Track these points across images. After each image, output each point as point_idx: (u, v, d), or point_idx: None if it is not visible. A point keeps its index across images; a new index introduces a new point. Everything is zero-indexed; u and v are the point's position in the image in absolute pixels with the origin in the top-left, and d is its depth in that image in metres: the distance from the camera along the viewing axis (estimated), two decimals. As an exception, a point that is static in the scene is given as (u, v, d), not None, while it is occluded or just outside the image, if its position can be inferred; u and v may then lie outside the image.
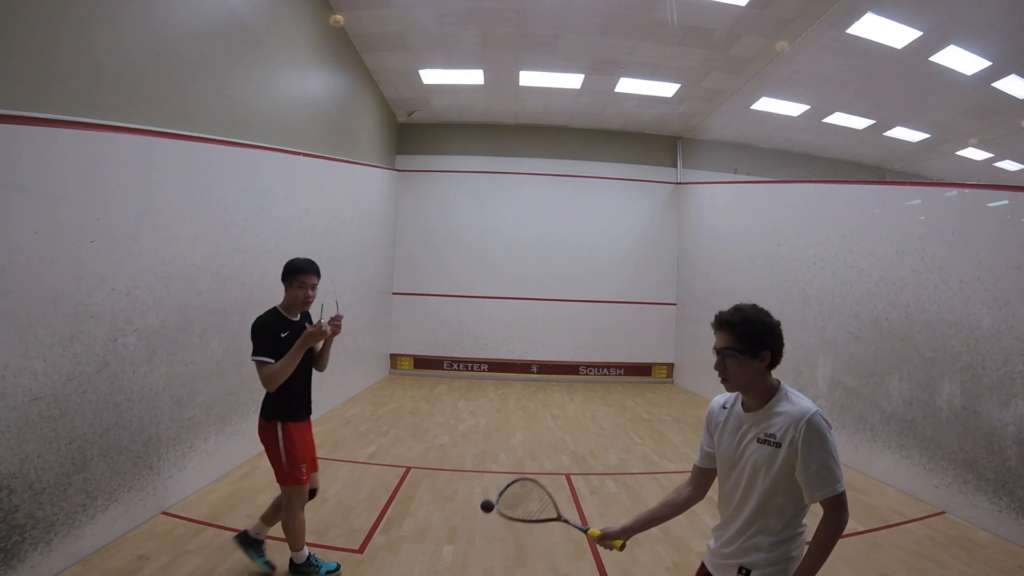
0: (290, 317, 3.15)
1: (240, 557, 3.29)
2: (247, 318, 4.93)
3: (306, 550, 3.17)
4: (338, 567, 3.23)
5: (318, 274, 3.21)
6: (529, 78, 8.75)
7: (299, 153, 6.10)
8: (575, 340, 10.69)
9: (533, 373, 10.63)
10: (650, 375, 10.79)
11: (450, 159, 10.94)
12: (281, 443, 3.04)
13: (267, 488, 4.47)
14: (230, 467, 4.79)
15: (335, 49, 7.29)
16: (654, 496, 4.68)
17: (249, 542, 3.22)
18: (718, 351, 1.72)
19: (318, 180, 6.74)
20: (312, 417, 3.37)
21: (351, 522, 3.93)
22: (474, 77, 8.83)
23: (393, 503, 4.32)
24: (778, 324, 1.71)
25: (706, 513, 4.31)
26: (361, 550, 3.52)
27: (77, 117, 3.09)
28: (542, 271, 10.77)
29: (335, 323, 3.12)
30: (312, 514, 4.00)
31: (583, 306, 10.77)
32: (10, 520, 2.71)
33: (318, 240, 6.67)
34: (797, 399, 1.66)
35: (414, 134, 10.95)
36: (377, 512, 4.12)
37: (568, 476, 5.15)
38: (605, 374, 10.69)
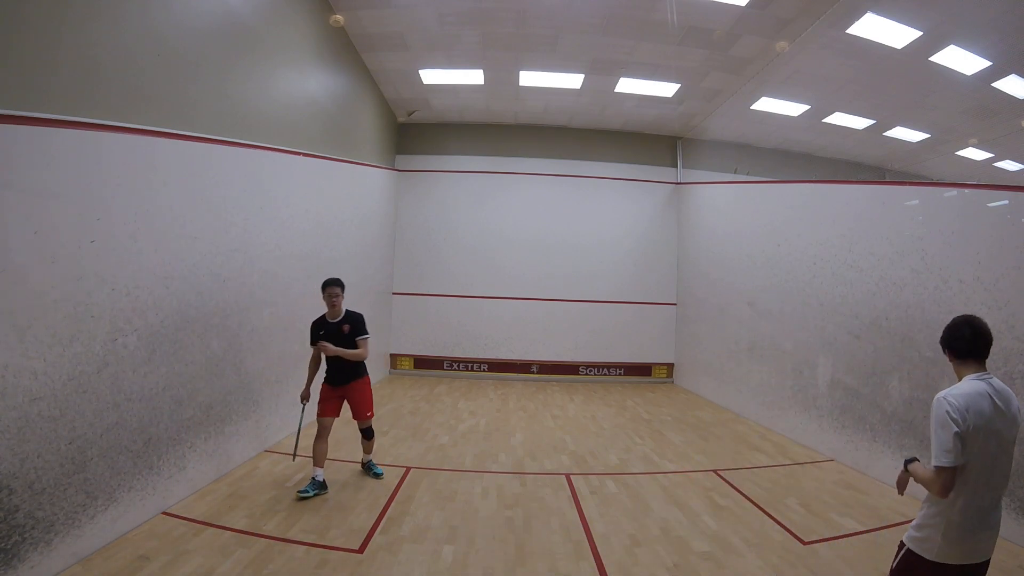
0: (328, 319, 4.62)
1: (241, 556, 3.31)
2: (247, 318, 4.98)
3: (315, 472, 4.44)
4: (314, 494, 4.31)
5: (339, 285, 4.62)
6: (529, 78, 8.75)
7: (299, 153, 6.11)
8: (575, 340, 10.69)
9: (533, 373, 10.63)
10: (650, 375, 10.79)
11: (450, 159, 10.94)
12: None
13: (266, 488, 4.47)
14: (230, 467, 4.79)
15: (335, 49, 7.29)
16: (654, 496, 4.68)
17: (364, 467, 4.96)
18: None
19: (318, 180, 6.74)
20: (312, 417, 4.77)
21: (351, 522, 3.93)
22: (474, 77, 8.82)
23: (393, 503, 4.32)
24: (956, 325, 2.23)
25: (705, 513, 4.32)
26: (361, 550, 3.51)
27: (76, 117, 3.09)
28: (542, 271, 10.77)
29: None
30: (312, 513, 4.02)
31: (583, 306, 10.77)
32: (10, 520, 2.71)
33: (318, 240, 6.67)
34: (955, 385, 2.14)
35: (414, 134, 10.95)
36: (377, 512, 4.12)
37: (568, 476, 5.15)
38: (605, 374, 10.69)
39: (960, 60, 6.91)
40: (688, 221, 10.65)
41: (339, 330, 4.53)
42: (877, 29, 6.48)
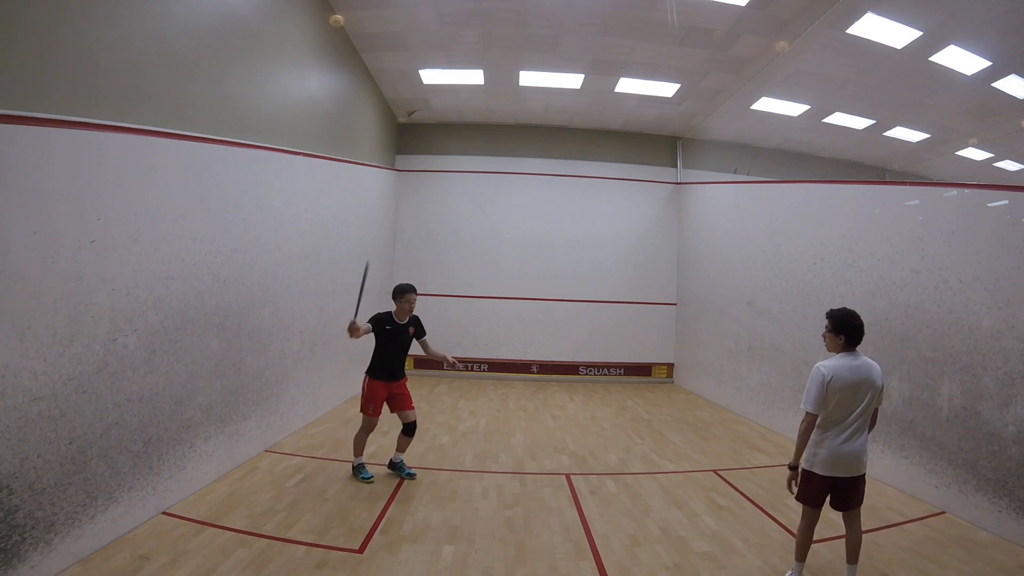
0: (396, 320, 4.85)
1: (241, 556, 3.31)
2: (247, 318, 4.99)
3: (359, 459, 4.86)
4: (372, 477, 4.78)
5: (416, 292, 4.92)
6: (529, 78, 8.75)
7: (299, 153, 6.10)
8: (575, 340, 10.69)
9: (533, 373, 10.62)
10: (650, 375, 10.79)
11: (450, 159, 10.94)
12: (363, 387, 4.80)
13: (266, 488, 4.48)
14: (230, 467, 4.79)
15: (335, 49, 7.29)
16: (654, 496, 4.68)
17: (396, 466, 4.96)
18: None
19: (318, 180, 6.74)
20: (312, 417, 5.44)
21: (351, 522, 3.93)
22: (474, 77, 8.82)
23: (393, 503, 4.32)
24: (843, 315, 3.12)
25: (706, 514, 4.32)
26: (361, 550, 3.52)
27: (76, 117, 3.09)
28: (542, 271, 10.77)
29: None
30: (312, 514, 4.03)
31: (583, 306, 10.77)
32: (10, 520, 2.71)
33: (318, 240, 6.67)
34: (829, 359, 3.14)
35: (414, 134, 10.95)
36: (377, 512, 4.12)
37: (568, 476, 5.15)
38: (605, 374, 10.69)
39: (960, 60, 6.91)
40: (688, 221, 10.64)
41: (406, 331, 4.86)
42: (877, 29, 6.47)
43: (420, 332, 5.00)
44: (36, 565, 2.85)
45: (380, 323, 4.76)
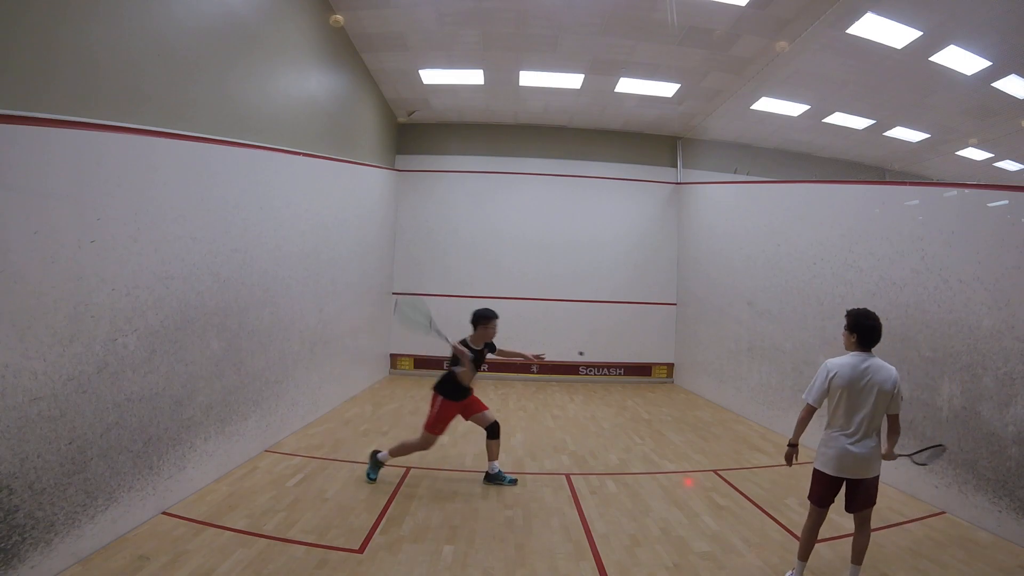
0: (472, 346, 4.85)
1: (241, 556, 3.31)
2: (247, 318, 4.99)
3: (387, 457, 4.83)
4: (375, 479, 4.74)
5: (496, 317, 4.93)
6: (529, 78, 8.75)
7: (299, 153, 6.10)
8: (575, 340, 10.68)
9: (533, 373, 10.62)
10: (650, 375, 10.79)
11: (450, 159, 10.94)
12: (434, 405, 4.78)
13: (266, 488, 4.47)
14: (230, 467, 4.79)
15: (335, 49, 7.29)
16: (654, 496, 4.68)
17: (494, 477, 4.83)
18: None
19: (318, 180, 6.74)
20: (312, 417, 5.41)
21: (351, 522, 3.93)
22: (474, 77, 8.82)
23: (393, 503, 4.32)
24: (858, 315, 3.16)
25: (706, 514, 4.32)
26: (361, 550, 3.51)
27: (76, 117, 3.09)
28: (542, 271, 10.77)
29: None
30: (312, 514, 4.02)
31: (583, 306, 10.76)
32: (10, 520, 2.71)
33: (318, 240, 6.67)
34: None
35: (414, 134, 10.95)
36: (377, 512, 4.12)
37: (568, 476, 5.15)
38: (605, 374, 10.69)
39: (960, 60, 6.91)
40: (688, 221, 10.64)
41: (482, 354, 4.92)
42: (877, 29, 6.47)
43: (493, 348, 5.02)
44: (36, 565, 2.85)
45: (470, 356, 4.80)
